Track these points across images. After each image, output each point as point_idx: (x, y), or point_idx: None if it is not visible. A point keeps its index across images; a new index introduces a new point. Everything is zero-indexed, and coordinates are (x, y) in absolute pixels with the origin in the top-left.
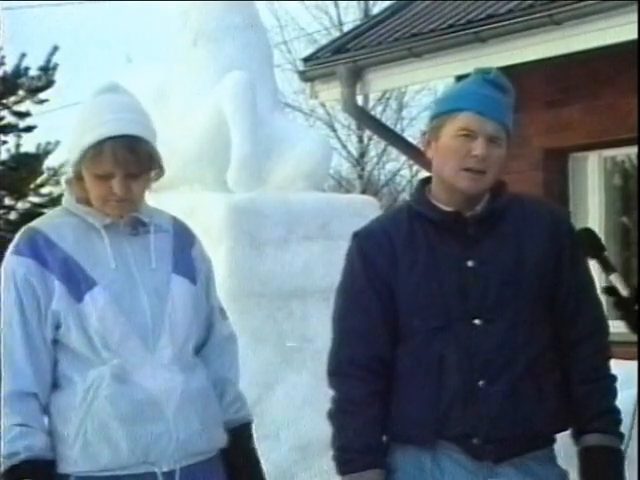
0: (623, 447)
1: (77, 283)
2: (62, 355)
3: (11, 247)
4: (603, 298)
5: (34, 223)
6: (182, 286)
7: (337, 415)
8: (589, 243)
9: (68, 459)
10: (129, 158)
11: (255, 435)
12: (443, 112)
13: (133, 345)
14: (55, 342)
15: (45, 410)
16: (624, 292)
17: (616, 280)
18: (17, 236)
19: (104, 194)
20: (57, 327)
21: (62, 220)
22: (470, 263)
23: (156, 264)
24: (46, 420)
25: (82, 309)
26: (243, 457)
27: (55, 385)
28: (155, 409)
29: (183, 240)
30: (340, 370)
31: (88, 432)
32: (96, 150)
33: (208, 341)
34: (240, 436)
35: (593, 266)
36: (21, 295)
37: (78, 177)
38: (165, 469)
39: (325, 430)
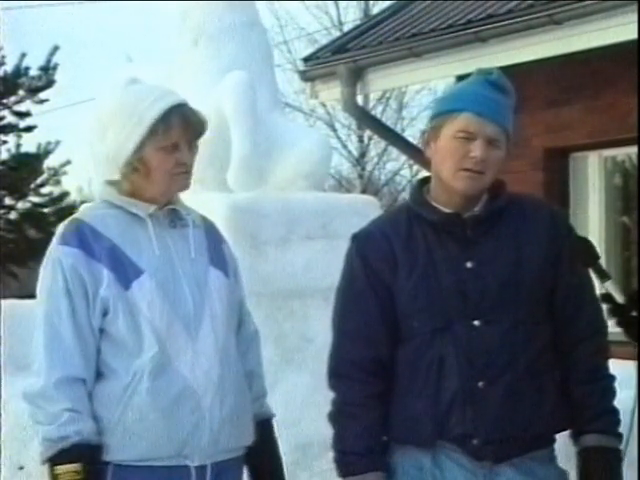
0: (622, 447)
1: (124, 271)
2: (105, 344)
3: (57, 238)
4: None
5: (78, 214)
6: (218, 278)
7: (338, 418)
8: (584, 252)
9: (107, 447)
10: (196, 120)
11: None
12: (443, 112)
13: (176, 332)
14: (100, 331)
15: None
16: (620, 299)
17: (611, 287)
18: (62, 227)
19: (171, 167)
20: (104, 314)
21: (105, 212)
22: (469, 264)
23: (195, 255)
24: None
25: (130, 296)
26: (269, 451)
27: (97, 373)
28: (192, 401)
29: (214, 236)
30: (340, 372)
31: (128, 423)
32: (164, 121)
33: (238, 336)
34: (266, 430)
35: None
36: (69, 284)
37: (134, 168)
38: (197, 463)
39: (325, 430)
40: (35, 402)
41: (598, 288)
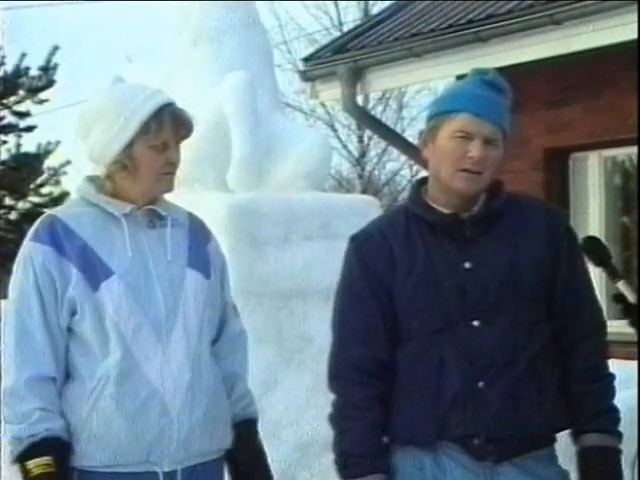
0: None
1: (94, 271)
2: (73, 344)
3: (30, 234)
4: (608, 305)
5: (53, 211)
6: (196, 280)
7: (338, 419)
8: (595, 251)
9: (72, 452)
10: (186, 119)
11: None
12: (440, 113)
13: (146, 336)
14: (68, 330)
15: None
16: (632, 299)
17: (624, 287)
18: (36, 223)
19: (159, 167)
20: (72, 314)
21: (81, 209)
22: (467, 265)
23: (171, 257)
24: None
25: (98, 298)
26: (248, 453)
27: (66, 373)
28: (160, 407)
29: (199, 235)
30: (340, 374)
31: (93, 428)
32: (157, 118)
33: (221, 337)
34: (246, 432)
35: (597, 272)
36: (39, 281)
37: (122, 166)
38: (166, 469)
39: (325, 430)
40: (5, 401)
41: (600, 286)
